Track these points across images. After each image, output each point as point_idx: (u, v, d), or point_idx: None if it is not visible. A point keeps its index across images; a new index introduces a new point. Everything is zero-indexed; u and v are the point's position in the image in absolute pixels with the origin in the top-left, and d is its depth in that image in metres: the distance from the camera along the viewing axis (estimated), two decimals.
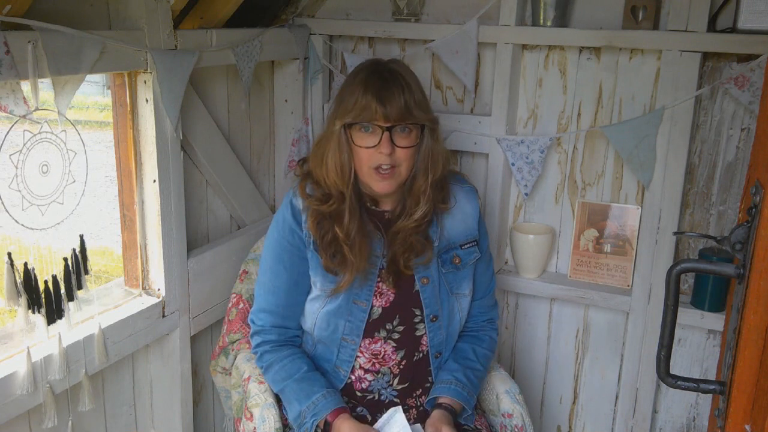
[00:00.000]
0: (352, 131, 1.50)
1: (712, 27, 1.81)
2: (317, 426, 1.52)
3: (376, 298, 1.59)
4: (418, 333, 1.62)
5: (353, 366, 1.61)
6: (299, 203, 1.60)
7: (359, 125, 1.49)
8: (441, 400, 1.58)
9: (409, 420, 1.53)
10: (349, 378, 1.62)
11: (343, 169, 1.52)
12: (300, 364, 1.61)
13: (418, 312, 1.61)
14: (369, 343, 1.60)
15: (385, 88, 1.47)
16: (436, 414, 1.55)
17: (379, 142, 1.48)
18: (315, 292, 1.61)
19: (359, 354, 1.60)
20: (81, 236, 1.52)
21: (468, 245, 1.66)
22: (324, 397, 1.54)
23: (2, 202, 1.28)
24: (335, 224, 1.54)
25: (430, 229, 1.61)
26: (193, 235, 1.93)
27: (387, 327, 1.60)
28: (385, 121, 1.47)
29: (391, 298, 1.60)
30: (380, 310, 1.60)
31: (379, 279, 1.60)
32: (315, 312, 1.61)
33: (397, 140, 1.49)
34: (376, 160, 1.49)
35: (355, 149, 1.51)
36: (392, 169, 1.51)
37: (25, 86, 1.33)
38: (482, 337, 1.72)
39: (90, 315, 1.57)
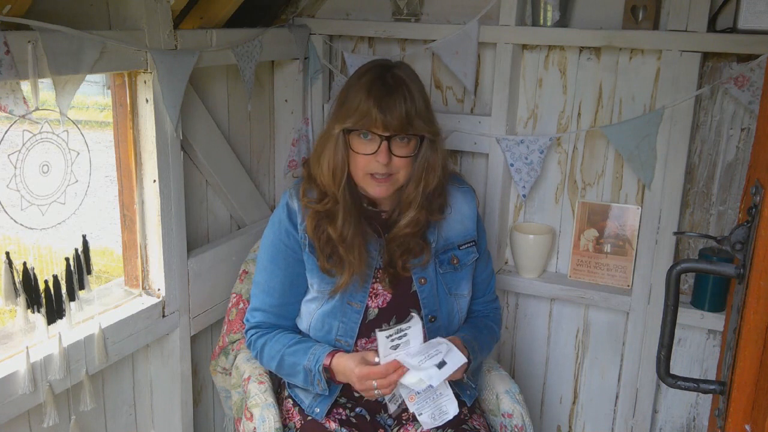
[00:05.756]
0: (350, 137, 1.50)
1: (712, 27, 1.81)
2: (321, 370, 1.51)
3: (372, 299, 1.59)
4: None
5: None
6: (295, 205, 1.60)
7: (358, 132, 1.49)
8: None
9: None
10: None
11: (335, 172, 1.51)
12: (291, 335, 1.62)
13: (414, 313, 1.60)
14: (365, 343, 1.59)
15: (388, 96, 1.45)
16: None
17: (376, 150, 1.47)
18: (312, 293, 1.62)
19: None
20: (84, 236, 1.52)
21: (466, 246, 1.66)
22: (321, 346, 1.56)
23: (0, 202, 1.28)
24: (329, 225, 1.53)
25: (427, 231, 1.61)
26: (193, 235, 1.93)
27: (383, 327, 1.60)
28: (384, 130, 1.46)
29: (388, 299, 1.60)
30: (376, 311, 1.59)
31: (375, 280, 1.60)
32: (311, 313, 1.61)
33: (395, 149, 1.48)
34: (373, 167, 1.49)
35: (352, 154, 1.51)
36: (389, 176, 1.51)
37: (25, 86, 1.32)
38: (488, 314, 1.75)
39: (90, 315, 1.57)
